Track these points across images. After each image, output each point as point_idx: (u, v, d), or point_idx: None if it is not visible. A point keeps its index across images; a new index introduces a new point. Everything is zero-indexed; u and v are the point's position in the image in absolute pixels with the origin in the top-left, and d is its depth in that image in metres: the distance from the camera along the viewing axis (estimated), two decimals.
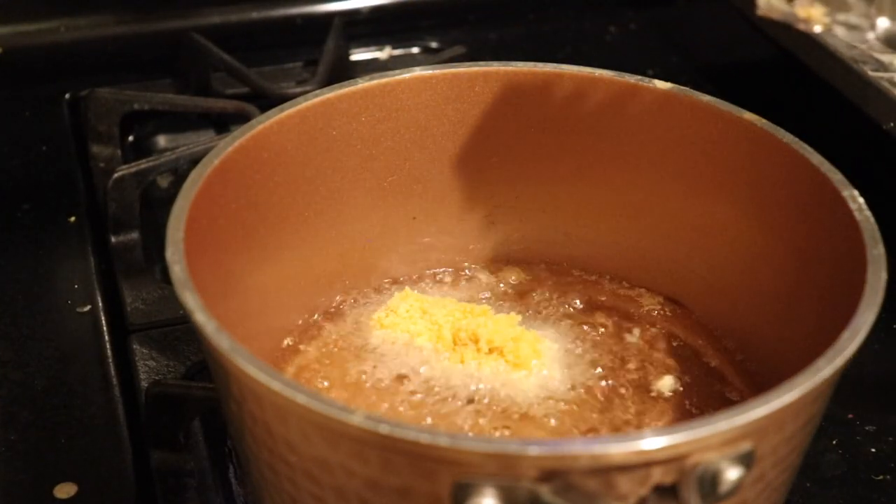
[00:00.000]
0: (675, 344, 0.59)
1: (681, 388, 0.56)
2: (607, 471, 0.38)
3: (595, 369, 0.56)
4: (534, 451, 0.38)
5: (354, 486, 0.42)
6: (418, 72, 0.58)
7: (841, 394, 0.46)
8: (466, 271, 0.63)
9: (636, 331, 0.59)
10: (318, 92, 0.57)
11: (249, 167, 0.54)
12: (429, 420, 0.53)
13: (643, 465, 0.39)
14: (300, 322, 0.59)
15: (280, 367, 0.56)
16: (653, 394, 0.55)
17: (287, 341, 0.58)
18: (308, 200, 0.57)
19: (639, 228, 0.61)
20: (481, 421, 0.53)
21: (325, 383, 0.56)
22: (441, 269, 0.63)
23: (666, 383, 0.56)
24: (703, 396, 0.55)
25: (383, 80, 0.58)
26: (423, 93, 0.58)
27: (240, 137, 0.53)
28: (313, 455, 0.42)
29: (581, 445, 0.39)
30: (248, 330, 0.53)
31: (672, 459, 0.39)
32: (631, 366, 0.57)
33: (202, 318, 0.43)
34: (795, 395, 0.40)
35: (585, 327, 0.59)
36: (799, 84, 0.84)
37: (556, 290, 0.62)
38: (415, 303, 0.58)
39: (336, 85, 0.57)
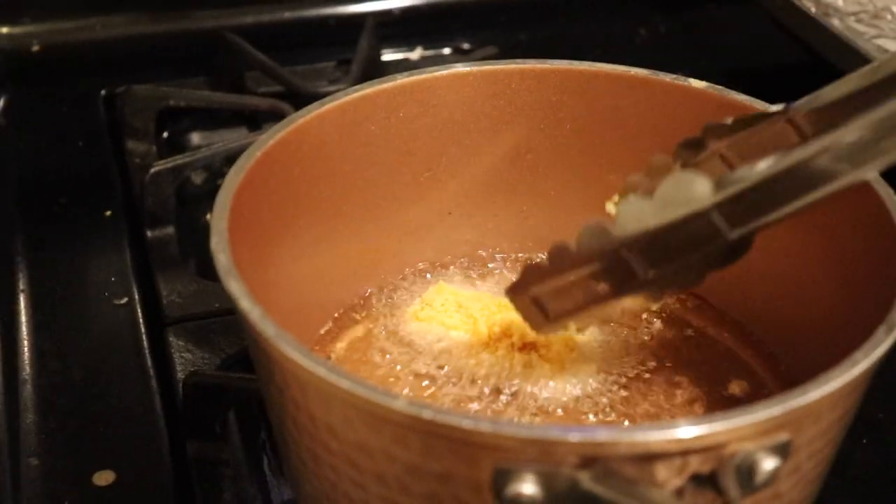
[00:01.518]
0: (705, 339, 0.59)
1: (712, 382, 0.56)
2: (646, 458, 0.39)
3: (627, 364, 0.57)
4: (574, 437, 0.38)
5: (395, 471, 0.42)
6: (456, 68, 0.59)
7: (871, 393, 0.46)
8: (501, 266, 0.64)
9: (665, 326, 0.60)
10: (356, 87, 0.57)
11: (290, 160, 0.54)
12: None
13: (681, 453, 0.39)
14: (335, 314, 0.60)
15: None
16: (684, 386, 0.56)
17: (322, 332, 0.59)
18: (346, 194, 0.58)
19: None
20: (516, 414, 0.53)
21: (360, 374, 0.56)
22: (476, 264, 0.64)
23: (696, 376, 0.56)
24: (735, 390, 0.55)
25: (421, 77, 0.58)
26: (460, 89, 0.59)
27: (281, 131, 0.54)
28: (355, 441, 0.42)
29: (620, 432, 0.40)
30: (284, 320, 0.54)
31: (710, 448, 0.39)
32: (661, 360, 0.57)
33: (247, 305, 0.43)
34: (833, 387, 0.40)
35: (617, 323, 0.59)
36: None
37: None
38: (450, 296, 0.58)
39: (374, 81, 0.58)
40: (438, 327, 0.57)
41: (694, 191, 0.44)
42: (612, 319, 0.50)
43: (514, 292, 0.51)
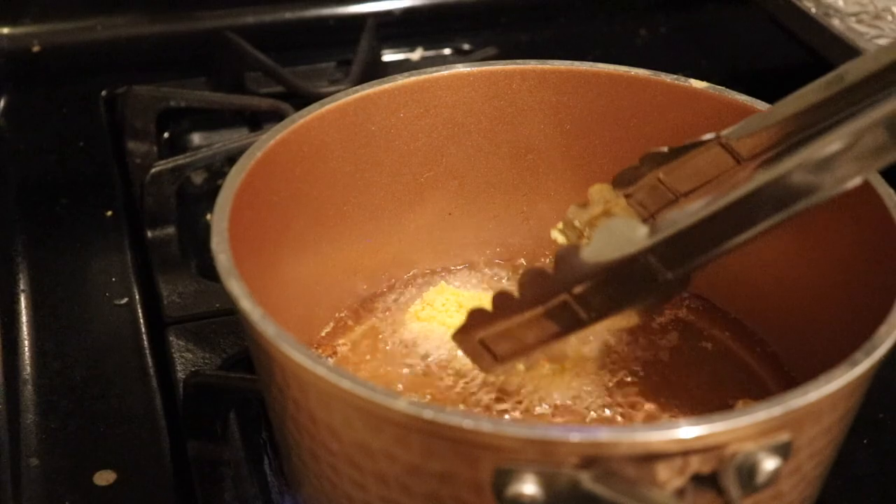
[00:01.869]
0: (706, 339, 0.59)
1: (714, 382, 0.56)
2: (646, 458, 0.39)
3: (628, 364, 0.57)
4: (575, 437, 0.38)
5: (396, 471, 0.42)
6: (456, 69, 0.59)
7: (872, 393, 0.46)
8: (502, 266, 0.64)
9: (666, 326, 0.60)
10: (357, 88, 0.58)
11: (290, 161, 0.54)
12: None
13: (682, 453, 0.39)
14: (336, 314, 0.60)
15: None
16: (687, 388, 0.56)
17: (323, 332, 0.59)
18: (346, 194, 0.58)
19: None
20: (517, 415, 0.53)
21: (361, 375, 0.56)
22: (476, 264, 0.64)
23: (697, 376, 0.56)
24: (735, 390, 0.56)
25: (422, 77, 0.59)
26: (460, 90, 0.59)
27: (281, 132, 0.54)
28: (356, 441, 0.42)
29: (621, 433, 0.40)
30: (285, 320, 0.54)
31: (710, 448, 0.39)
32: (663, 360, 0.57)
33: (248, 305, 0.43)
34: (834, 387, 0.40)
35: (618, 323, 0.60)
36: None
37: None
38: (451, 297, 0.59)
39: (375, 81, 0.58)
40: (439, 327, 0.57)
41: (630, 235, 0.46)
42: (561, 357, 0.51)
43: (460, 336, 0.51)
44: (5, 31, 0.93)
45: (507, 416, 0.53)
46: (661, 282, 0.47)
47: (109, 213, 0.77)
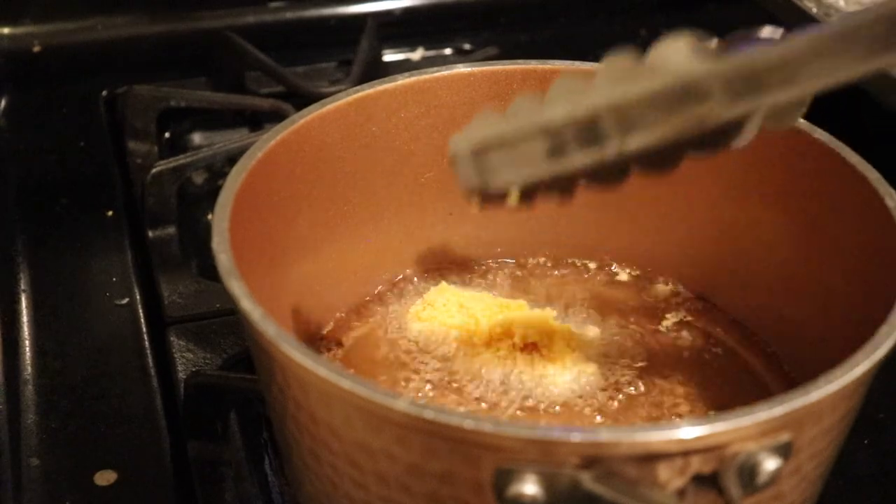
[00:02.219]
0: (707, 339, 0.59)
1: (714, 383, 0.56)
2: (647, 459, 0.39)
3: (629, 364, 0.57)
4: (576, 437, 0.39)
5: (396, 471, 0.42)
6: (457, 69, 0.59)
7: (872, 394, 0.46)
8: (502, 267, 0.64)
9: (667, 325, 0.60)
10: (358, 88, 0.58)
11: (291, 161, 0.54)
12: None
13: (683, 453, 0.39)
14: (337, 314, 0.60)
15: None
16: (686, 386, 0.56)
17: (323, 332, 0.59)
18: (347, 194, 0.58)
19: (672, 226, 0.61)
20: (519, 414, 0.53)
21: (362, 375, 0.56)
22: (477, 265, 0.64)
23: (698, 376, 0.56)
24: (736, 391, 0.56)
25: (423, 77, 0.58)
26: (461, 90, 0.59)
27: (282, 132, 0.54)
28: (356, 440, 0.42)
29: (622, 433, 0.40)
30: (285, 320, 0.54)
31: (711, 449, 0.39)
32: (663, 359, 0.57)
33: (248, 305, 0.43)
34: (834, 388, 0.40)
35: (619, 323, 0.60)
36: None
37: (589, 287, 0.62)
38: (451, 297, 0.58)
39: (376, 81, 0.58)
40: (440, 327, 0.57)
41: (689, 57, 0.39)
42: (568, 195, 0.43)
43: (456, 141, 0.43)
44: (6, 31, 0.93)
45: (507, 415, 0.53)
46: (720, 118, 0.39)
47: (110, 213, 0.77)
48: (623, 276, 0.63)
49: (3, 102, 0.89)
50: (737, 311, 0.60)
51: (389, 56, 0.95)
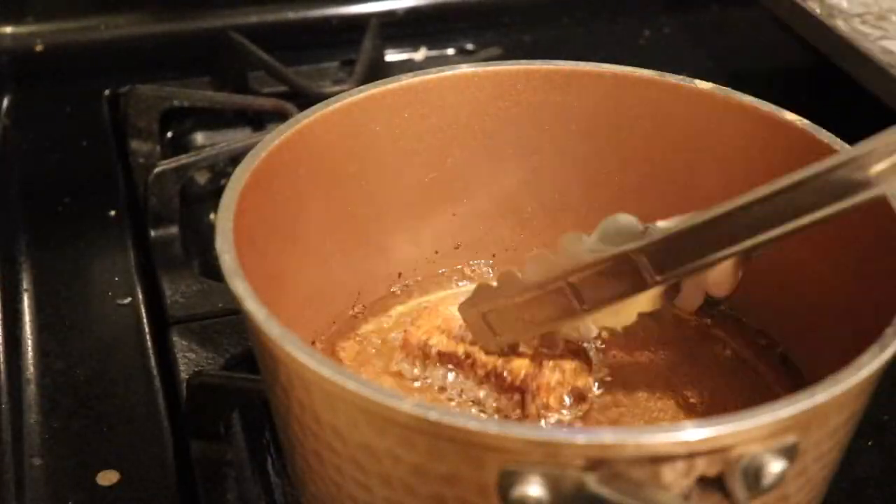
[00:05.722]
0: (711, 341, 0.59)
1: (719, 384, 0.56)
2: (652, 461, 0.39)
3: (633, 366, 0.57)
4: (581, 439, 0.38)
5: (400, 473, 0.42)
6: (460, 69, 0.59)
7: (877, 396, 0.46)
8: (505, 267, 0.63)
9: (670, 327, 0.60)
10: (361, 88, 0.57)
11: (294, 161, 0.54)
12: None
13: (688, 455, 0.39)
14: (340, 316, 0.60)
15: None
16: (690, 389, 0.56)
17: (325, 335, 0.59)
18: (351, 195, 0.58)
19: None
20: (522, 416, 0.53)
21: (366, 375, 0.56)
22: (480, 265, 0.63)
23: (702, 378, 0.56)
24: (741, 392, 0.55)
25: (427, 77, 0.58)
26: (465, 90, 0.59)
27: (285, 132, 0.54)
28: (360, 442, 0.42)
29: (627, 435, 0.39)
30: (289, 321, 0.53)
31: (716, 451, 0.39)
32: (666, 361, 0.57)
33: (253, 305, 0.43)
34: (841, 390, 0.40)
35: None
36: (833, 88, 0.84)
37: None
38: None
39: (379, 81, 0.58)
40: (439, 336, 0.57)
41: (630, 233, 0.48)
42: (554, 344, 0.53)
43: (465, 309, 0.54)
44: (8, 30, 0.93)
45: (511, 417, 0.53)
46: (649, 284, 0.48)
47: (113, 212, 0.77)
48: None
49: (6, 102, 0.88)
50: (742, 313, 0.60)
51: (392, 56, 0.94)
